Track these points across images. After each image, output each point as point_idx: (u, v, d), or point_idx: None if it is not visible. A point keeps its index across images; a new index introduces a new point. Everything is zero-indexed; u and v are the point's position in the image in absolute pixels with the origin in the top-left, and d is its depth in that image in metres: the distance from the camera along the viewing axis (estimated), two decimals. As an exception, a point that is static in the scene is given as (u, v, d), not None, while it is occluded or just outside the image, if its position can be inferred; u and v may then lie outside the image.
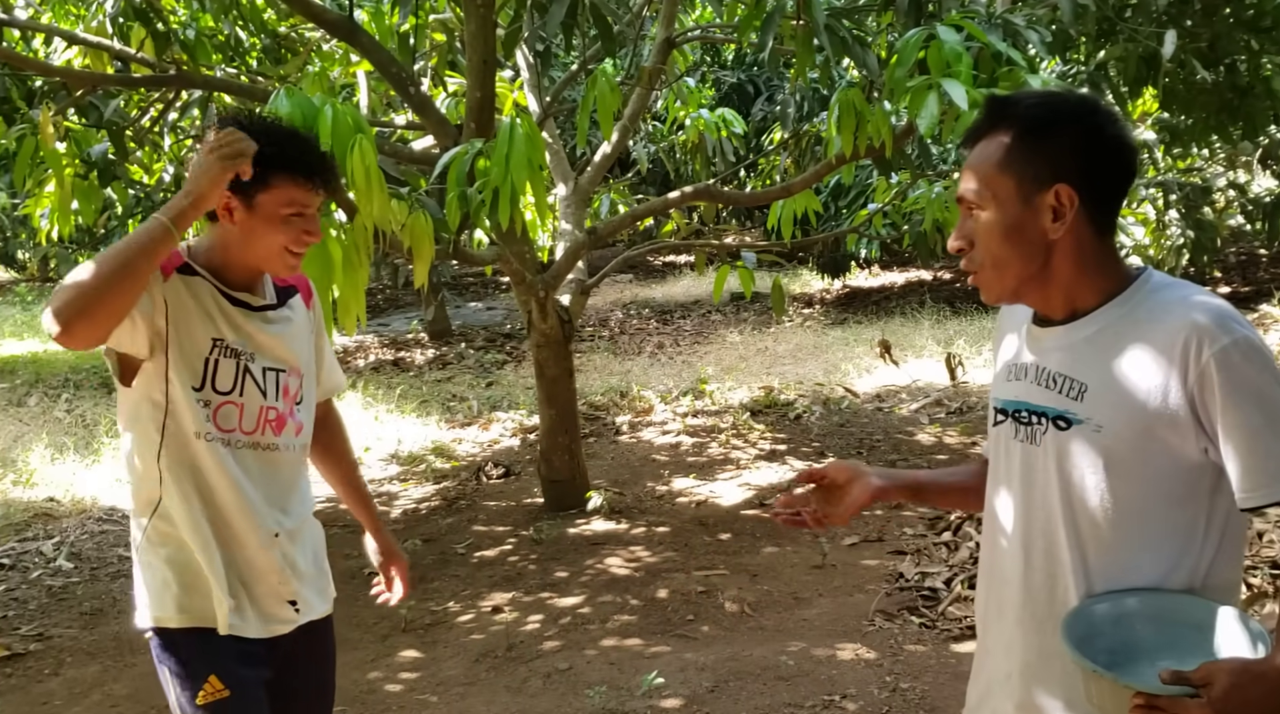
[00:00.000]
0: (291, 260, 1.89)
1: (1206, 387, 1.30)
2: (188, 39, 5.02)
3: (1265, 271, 10.88)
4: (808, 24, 4.14)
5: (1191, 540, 1.37)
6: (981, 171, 1.41)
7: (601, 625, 3.99)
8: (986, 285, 1.45)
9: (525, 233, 4.97)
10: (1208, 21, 5.36)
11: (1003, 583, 1.52)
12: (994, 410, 1.54)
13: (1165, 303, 1.36)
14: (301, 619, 1.99)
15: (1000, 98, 1.46)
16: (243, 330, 1.90)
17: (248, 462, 1.91)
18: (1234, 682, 1.17)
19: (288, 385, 1.97)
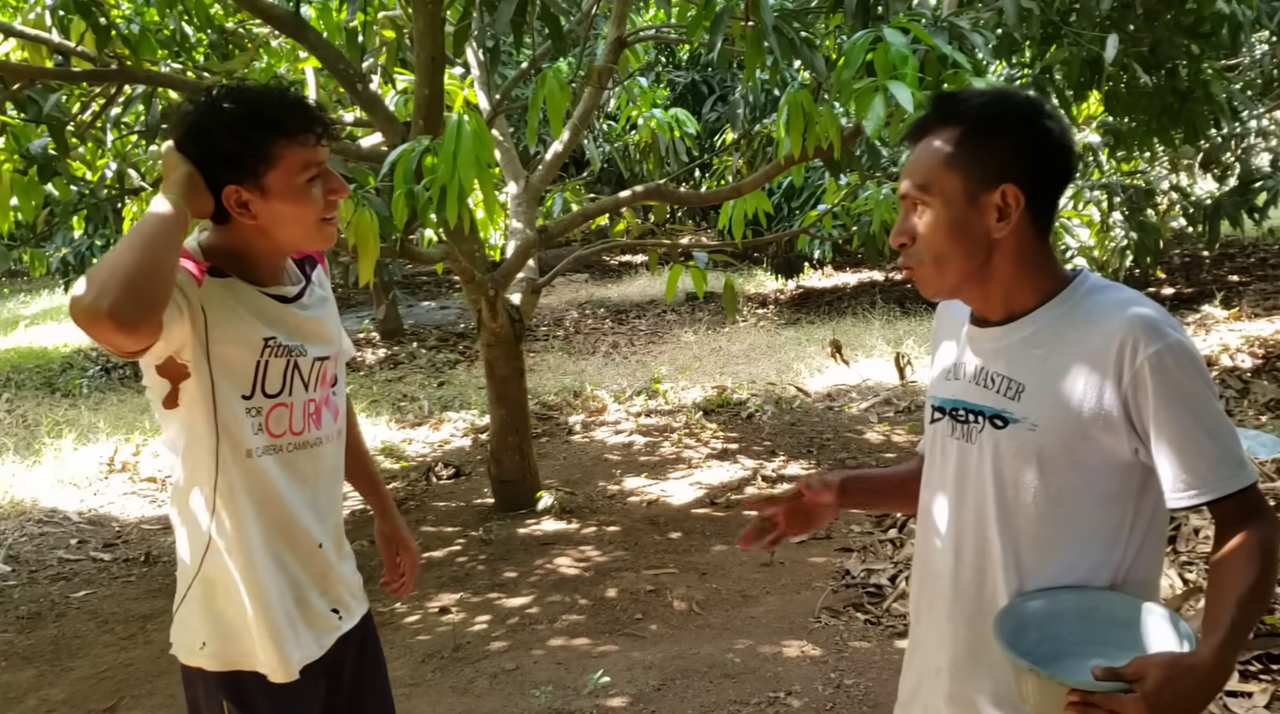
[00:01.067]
0: (329, 228, 1.69)
1: (1140, 389, 1.32)
2: (131, 33, 4.93)
3: (1207, 273, 11.11)
4: (757, 25, 4.16)
5: (1118, 538, 1.40)
6: (927, 168, 1.41)
7: (549, 625, 3.98)
8: (925, 281, 1.46)
9: (474, 231, 4.95)
10: (1149, 26, 5.45)
11: (935, 578, 1.55)
12: (931, 409, 1.56)
13: (1101, 306, 1.39)
14: (345, 626, 1.84)
15: (948, 94, 1.46)
16: (288, 323, 1.72)
17: (300, 465, 1.75)
18: (1166, 675, 1.19)
19: (325, 371, 1.80)
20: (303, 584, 1.77)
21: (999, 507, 1.43)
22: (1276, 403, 6.31)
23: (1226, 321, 8.48)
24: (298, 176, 1.62)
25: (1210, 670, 1.22)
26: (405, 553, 2.14)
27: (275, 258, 1.73)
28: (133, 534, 5.63)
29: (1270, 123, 8.54)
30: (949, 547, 1.51)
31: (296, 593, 1.76)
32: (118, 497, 6.33)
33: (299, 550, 1.76)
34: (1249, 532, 1.32)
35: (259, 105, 1.61)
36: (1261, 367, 6.97)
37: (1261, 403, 6.30)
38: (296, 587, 1.76)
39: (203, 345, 1.62)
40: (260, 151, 1.59)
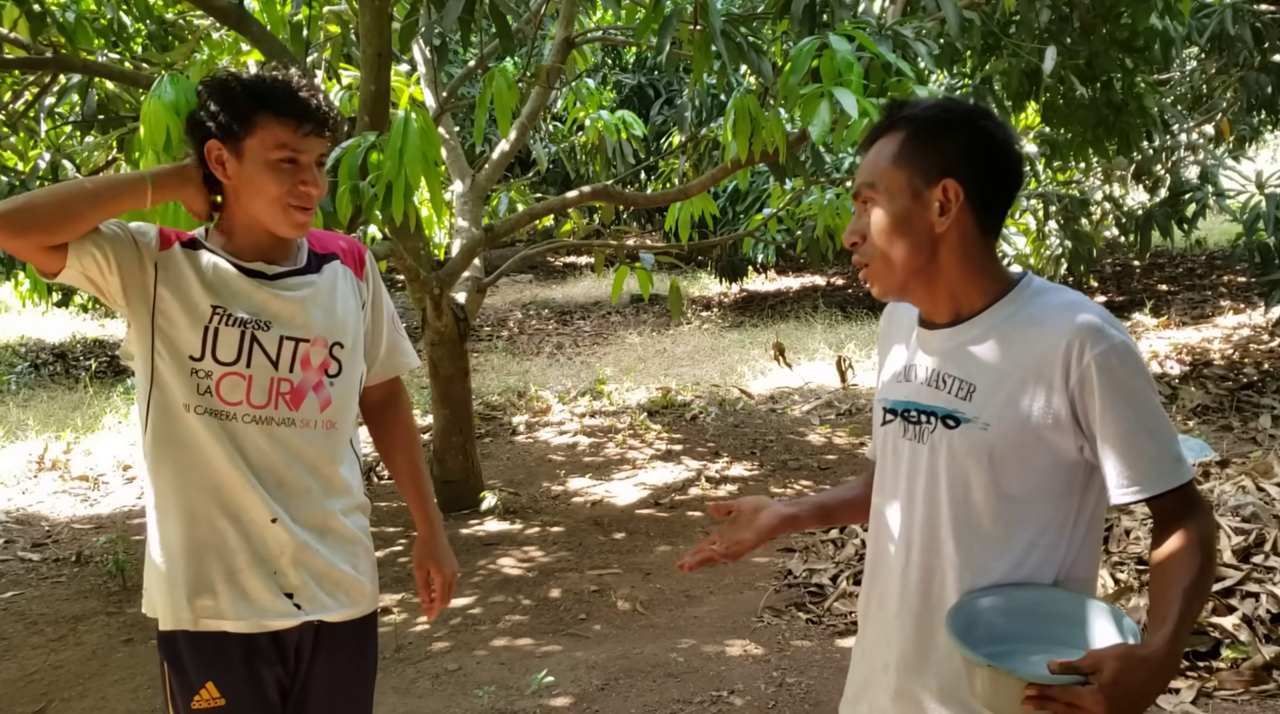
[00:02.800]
0: (297, 217, 1.75)
1: (1086, 388, 1.36)
2: (66, 21, 4.82)
3: (1138, 282, 11.41)
4: (704, 29, 4.19)
5: (1062, 535, 1.44)
6: (876, 167, 1.46)
7: (492, 626, 3.97)
8: (876, 278, 1.50)
9: (420, 229, 4.91)
10: (1086, 40, 5.59)
11: (885, 577, 1.57)
12: (882, 411, 1.58)
13: (1048, 307, 1.43)
14: (305, 616, 1.81)
15: (898, 102, 1.52)
16: (253, 298, 1.77)
17: (254, 438, 1.76)
18: (1121, 666, 1.21)
19: (308, 356, 1.80)
20: (236, 552, 1.77)
21: (950, 505, 1.46)
22: (1203, 408, 6.50)
23: (1156, 329, 8.72)
24: (271, 152, 1.70)
25: (1162, 661, 1.25)
26: (438, 574, 2.07)
27: (254, 234, 1.78)
28: (63, 534, 5.49)
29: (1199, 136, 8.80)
30: (899, 546, 1.53)
31: (225, 560, 1.77)
32: (47, 495, 6.17)
33: (241, 519, 1.77)
34: (1188, 527, 1.37)
35: (259, 83, 1.72)
36: (1189, 373, 7.18)
37: (1189, 408, 6.49)
38: (226, 553, 1.77)
39: (148, 300, 1.74)
40: (242, 115, 1.69)
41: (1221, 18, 6.27)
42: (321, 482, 1.83)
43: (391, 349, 2.01)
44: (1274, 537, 3.83)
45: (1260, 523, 3.93)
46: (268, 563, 1.79)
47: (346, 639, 1.90)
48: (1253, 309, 9.01)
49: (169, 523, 1.78)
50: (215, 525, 1.76)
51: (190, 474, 1.76)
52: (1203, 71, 7.83)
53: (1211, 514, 1.42)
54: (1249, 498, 4.12)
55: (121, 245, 1.72)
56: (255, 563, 1.78)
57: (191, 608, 1.76)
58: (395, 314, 2.03)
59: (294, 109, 1.71)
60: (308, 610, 1.82)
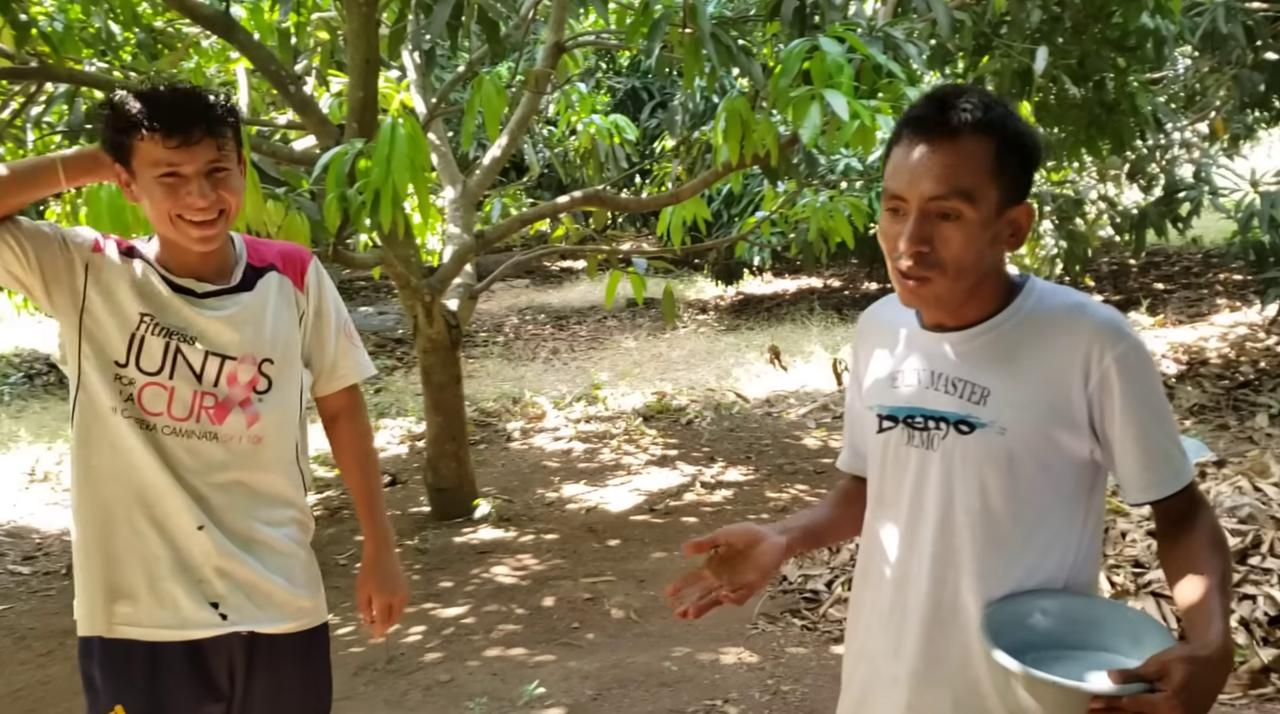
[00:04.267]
0: (193, 231, 1.71)
1: (1106, 389, 1.35)
2: (53, 31, 4.79)
3: (1134, 281, 11.39)
4: (694, 33, 4.17)
5: (1071, 538, 1.43)
6: (969, 173, 1.34)
7: (485, 635, 3.94)
8: (935, 293, 1.39)
9: (410, 235, 4.89)
10: (1077, 40, 5.58)
11: (893, 587, 1.52)
12: (878, 418, 1.52)
13: (1059, 308, 1.41)
14: (232, 626, 1.78)
15: (966, 98, 1.37)
16: (181, 313, 1.77)
17: (176, 450, 1.75)
18: (1190, 669, 1.18)
19: (235, 373, 1.79)
20: (159, 559, 1.76)
21: (966, 512, 1.43)
22: (1200, 407, 6.48)
23: (1152, 328, 8.69)
24: (149, 170, 1.70)
25: (1224, 658, 1.23)
26: (378, 597, 2.03)
27: (178, 249, 1.78)
28: (54, 546, 5.46)
29: (1193, 135, 8.79)
30: (908, 556, 1.49)
31: (147, 566, 1.75)
32: (39, 507, 6.14)
33: (166, 526, 1.76)
34: (1202, 522, 1.38)
35: (139, 99, 1.70)
36: (1186, 372, 7.16)
37: (1186, 408, 6.47)
38: (149, 559, 1.76)
39: (77, 301, 1.75)
40: (121, 139, 1.71)
41: (1213, 16, 6.25)
42: (248, 495, 1.82)
43: (341, 358, 1.99)
44: (1271, 538, 3.80)
45: (1257, 524, 3.91)
46: (192, 571, 1.77)
47: (289, 652, 1.86)
48: (1249, 307, 8.99)
49: (91, 526, 1.77)
50: (138, 530, 1.75)
51: (115, 477, 1.75)
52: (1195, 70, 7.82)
53: (1212, 508, 1.42)
54: (1245, 499, 4.10)
55: (45, 243, 1.73)
56: (178, 570, 1.76)
57: (108, 614, 1.76)
58: (348, 322, 2.01)
59: (159, 123, 1.68)
60: (234, 620, 1.79)
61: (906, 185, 1.36)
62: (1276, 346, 7.57)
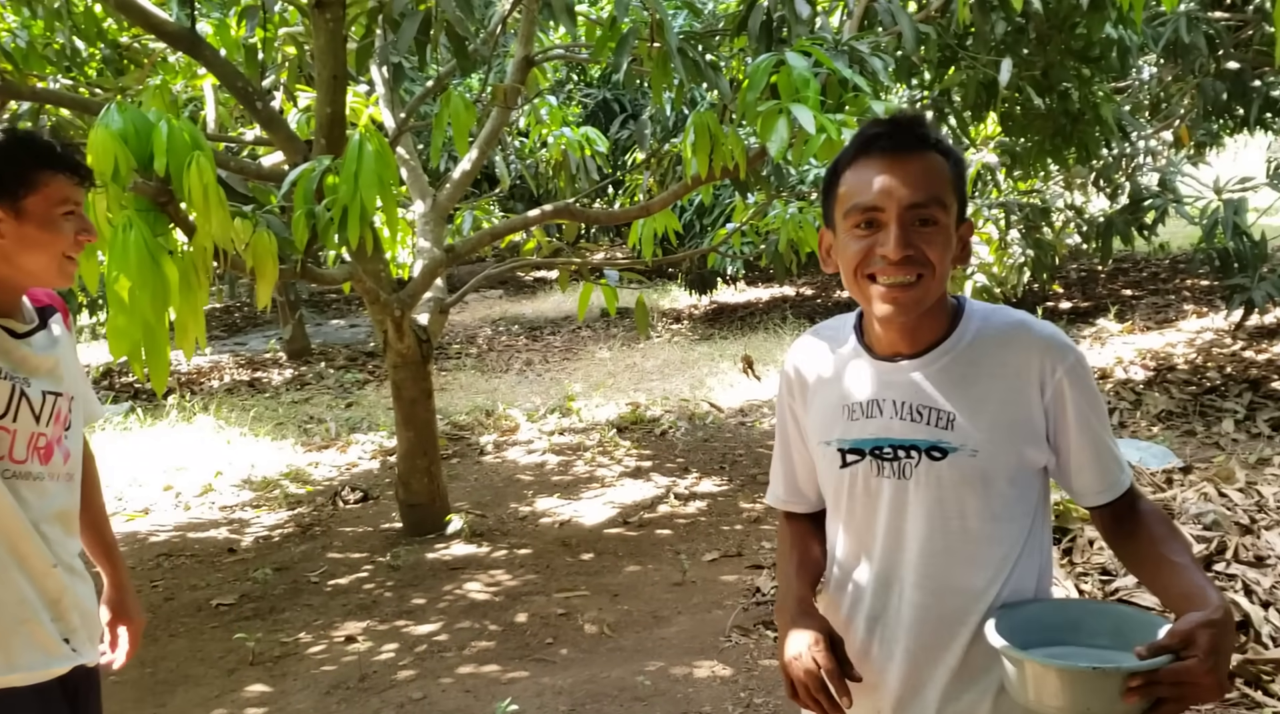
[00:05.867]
0: (70, 267, 1.78)
1: (1060, 400, 1.42)
2: (16, 47, 4.76)
3: (1102, 287, 11.52)
4: (662, 47, 4.19)
5: (1033, 545, 1.48)
6: (939, 184, 1.40)
7: (458, 653, 3.92)
8: (923, 296, 1.41)
9: (379, 250, 4.87)
10: (1042, 51, 5.64)
11: (870, 620, 1.52)
12: (842, 452, 1.51)
13: (1004, 327, 1.46)
14: (78, 659, 1.82)
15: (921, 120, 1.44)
16: (13, 356, 1.77)
17: (19, 492, 1.75)
18: (1213, 632, 1.22)
19: (60, 410, 1.83)
20: (32, 601, 1.76)
21: (946, 536, 1.45)
22: (1167, 414, 6.55)
23: (1120, 335, 8.79)
24: (56, 207, 1.72)
25: (1230, 618, 1.27)
26: (130, 624, 2.10)
27: (12, 292, 1.78)
28: None
29: (1157, 143, 8.90)
30: (888, 586, 1.49)
31: (20, 609, 1.75)
32: None
33: (30, 567, 1.76)
34: (1149, 510, 1.46)
35: (34, 140, 1.74)
36: (1153, 379, 7.24)
37: (1153, 414, 6.54)
38: (22, 602, 1.75)
39: None
40: (25, 176, 1.70)
41: (1176, 26, 6.34)
42: (69, 530, 1.86)
43: (89, 398, 2.03)
44: (1235, 544, 3.85)
45: (1222, 530, 3.95)
46: (49, 608, 1.79)
47: (94, 682, 1.92)
48: (1215, 312, 9.11)
49: None
50: (11, 576, 1.74)
51: None
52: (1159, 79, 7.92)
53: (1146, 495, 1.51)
54: (1210, 506, 4.14)
55: None
56: (41, 608, 1.77)
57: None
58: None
59: (70, 163, 1.75)
60: (80, 654, 1.83)
61: (883, 197, 1.38)
62: (1242, 352, 7.67)
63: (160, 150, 3.08)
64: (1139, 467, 4.96)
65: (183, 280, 3.18)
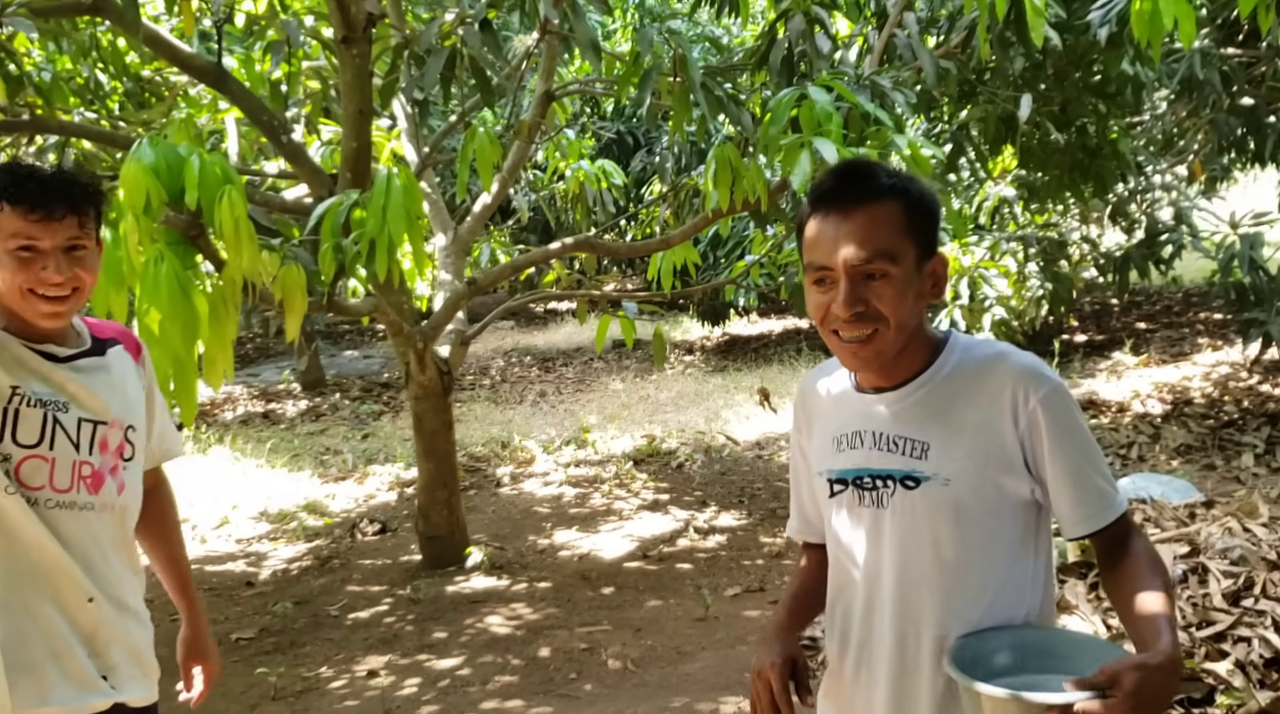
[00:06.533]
0: (43, 306, 1.70)
1: (1034, 431, 1.42)
2: (42, 81, 4.81)
3: (1117, 321, 11.50)
4: (684, 82, 4.23)
5: (1025, 578, 1.49)
6: (889, 238, 1.42)
7: (481, 687, 3.89)
8: (882, 348, 1.44)
9: (403, 283, 4.89)
10: (1060, 86, 5.69)
11: (858, 647, 1.55)
12: (828, 482, 1.57)
13: (983, 358, 1.49)
14: (117, 697, 1.79)
15: (868, 170, 1.48)
16: (51, 380, 1.74)
17: (61, 522, 1.72)
18: (1140, 675, 1.23)
19: (105, 439, 1.79)
20: (64, 635, 1.73)
21: (920, 565, 1.47)
22: (1186, 447, 6.52)
23: (1136, 368, 8.77)
24: (6, 241, 1.66)
25: (1175, 666, 1.27)
26: (204, 664, 2.08)
27: (25, 319, 1.73)
28: None
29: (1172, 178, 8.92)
30: (871, 613, 1.53)
31: (51, 643, 1.72)
32: None
33: (64, 600, 1.73)
34: (1137, 547, 1.45)
35: (4, 169, 1.68)
36: (1170, 412, 7.21)
37: (1172, 448, 6.51)
38: (48, 636, 1.72)
39: None
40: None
41: (1191, 62, 6.37)
42: (121, 564, 1.83)
43: (164, 435, 2.01)
44: (1264, 579, 3.81)
45: (1249, 565, 3.92)
46: (86, 644, 1.76)
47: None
48: (1230, 346, 9.08)
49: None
50: (32, 610, 1.71)
51: (5, 559, 1.70)
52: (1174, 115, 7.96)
53: (1144, 532, 1.49)
54: (1236, 540, 4.11)
55: None
56: (77, 643, 1.74)
57: (13, 699, 1.70)
58: (164, 402, 2.05)
59: (23, 196, 1.66)
60: (120, 692, 1.80)
61: (829, 256, 1.43)
62: (1259, 386, 7.64)
63: (192, 184, 3.11)
64: (1161, 501, 4.93)
65: (212, 313, 3.20)
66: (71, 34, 5.03)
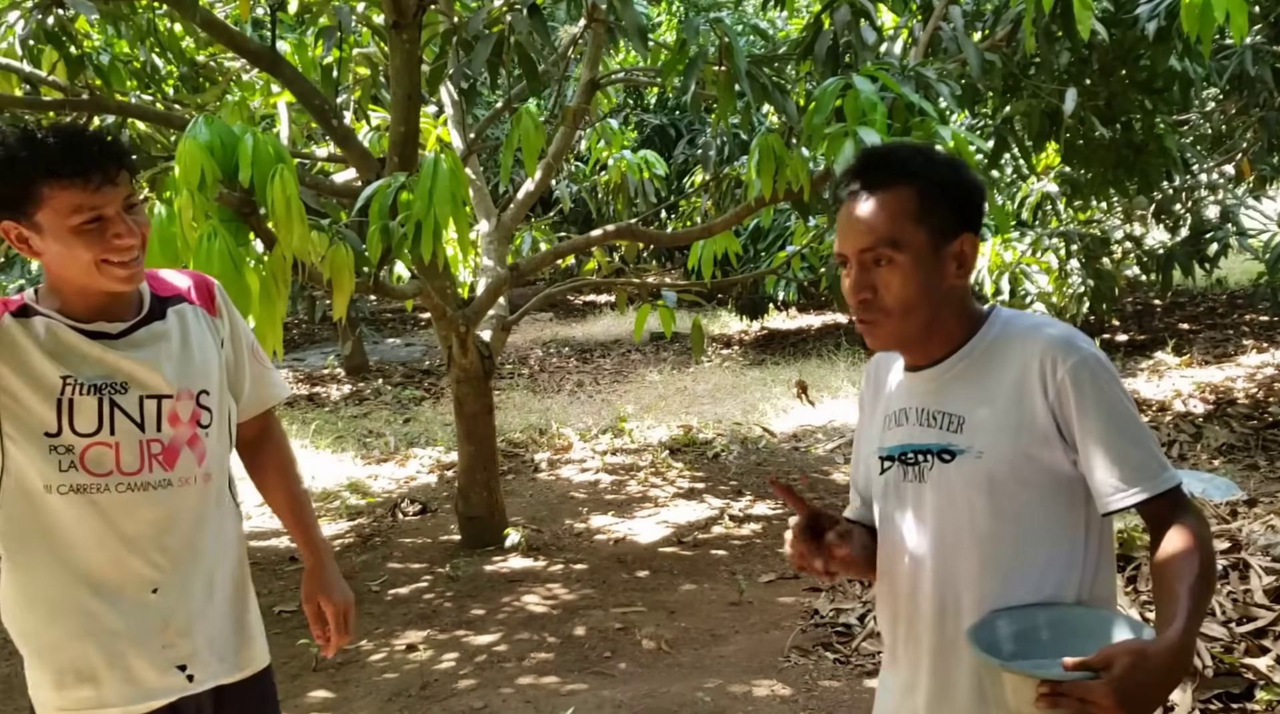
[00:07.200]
0: (120, 272, 1.63)
1: (1064, 400, 1.42)
2: (101, 64, 4.93)
3: (1159, 321, 11.36)
4: (729, 70, 4.25)
5: (1076, 553, 1.48)
6: (896, 226, 1.45)
7: (518, 663, 3.96)
8: (888, 333, 1.50)
9: (447, 268, 4.96)
10: (1105, 81, 5.64)
11: (905, 621, 1.58)
12: (880, 460, 1.60)
13: (1017, 331, 1.50)
14: (198, 688, 1.73)
15: (882, 155, 1.53)
16: (104, 362, 1.66)
17: (130, 507, 1.66)
18: (1132, 661, 1.23)
19: (175, 412, 1.71)
20: (117, 635, 1.67)
21: (957, 537, 1.49)
22: (1228, 447, 6.45)
23: (1178, 368, 8.67)
24: (68, 218, 1.58)
25: (1174, 656, 1.26)
26: (329, 605, 1.98)
27: (86, 296, 1.67)
28: None
29: (1219, 176, 8.81)
30: (914, 587, 1.55)
31: (105, 645, 1.67)
32: None
33: (119, 599, 1.68)
34: (1184, 527, 1.39)
35: (35, 146, 1.57)
36: (1213, 412, 7.13)
37: (1214, 447, 6.44)
38: (105, 637, 1.67)
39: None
40: (28, 191, 1.57)
41: (1241, 59, 6.29)
42: (206, 536, 1.76)
43: (257, 382, 1.93)
44: (1306, 577, 3.78)
45: (1291, 563, 3.89)
46: (154, 638, 1.70)
47: (249, 695, 1.84)
48: (1276, 348, 8.95)
49: (35, 615, 1.68)
50: (89, 611, 1.66)
51: (56, 561, 1.65)
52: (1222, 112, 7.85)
53: (1204, 517, 1.45)
54: (1278, 537, 4.08)
55: None
56: (141, 640, 1.69)
57: (73, 702, 1.67)
58: (256, 344, 1.95)
59: (77, 166, 1.56)
60: (200, 680, 1.74)
61: (844, 242, 1.50)
62: (1306, 387, 7.53)
63: (245, 162, 3.19)
64: (1202, 499, 4.89)
65: (262, 290, 3.28)
66: (130, 17, 5.15)
